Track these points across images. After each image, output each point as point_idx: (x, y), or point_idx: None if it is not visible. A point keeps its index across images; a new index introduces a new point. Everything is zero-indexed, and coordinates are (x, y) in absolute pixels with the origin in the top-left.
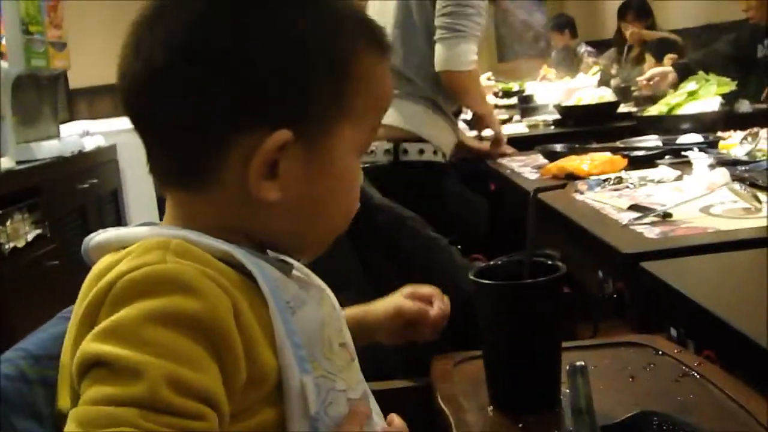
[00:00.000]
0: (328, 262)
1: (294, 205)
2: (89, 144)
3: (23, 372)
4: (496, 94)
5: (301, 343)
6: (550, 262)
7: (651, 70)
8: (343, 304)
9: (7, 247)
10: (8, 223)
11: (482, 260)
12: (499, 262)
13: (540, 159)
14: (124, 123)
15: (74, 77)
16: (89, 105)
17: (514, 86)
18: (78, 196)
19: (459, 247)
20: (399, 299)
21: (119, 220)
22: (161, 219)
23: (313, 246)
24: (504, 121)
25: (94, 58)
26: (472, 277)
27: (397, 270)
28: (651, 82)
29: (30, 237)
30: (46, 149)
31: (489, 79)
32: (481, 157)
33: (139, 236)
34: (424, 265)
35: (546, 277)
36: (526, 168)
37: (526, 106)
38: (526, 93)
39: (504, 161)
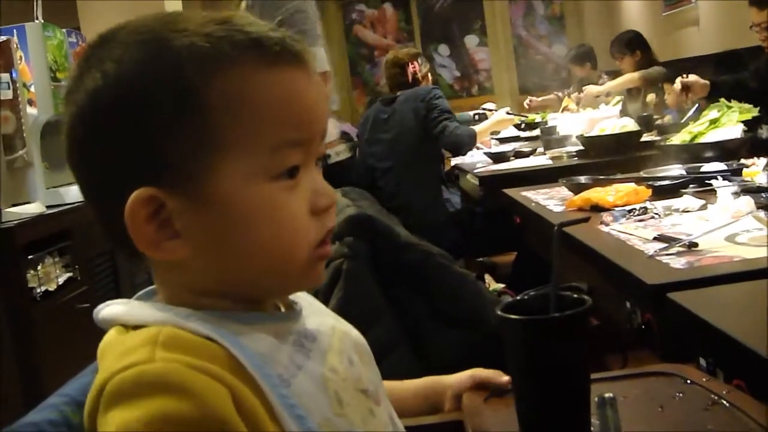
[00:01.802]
0: (355, 301)
1: (218, 255)
2: None
3: (67, 418)
4: (518, 127)
5: (303, 413)
6: (576, 296)
7: (678, 79)
8: (372, 341)
9: (38, 291)
10: (39, 267)
11: (510, 294)
12: (526, 297)
13: (564, 191)
14: None
15: None
16: None
17: (537, 118)
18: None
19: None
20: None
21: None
22: None
23: (281, 287)
24: (527, 154)
25: None
26: (498, 312)
27: (425, 306)
28: (685, 93)
29: (61, 280)
30: (75, 193)
31: (508, 113)
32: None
33: (138, 318)
34: (453, 301)
35: (572, 310)
36: (551, 201)
37: (549, 137)
38: (549, 125)
39: (528, 194)
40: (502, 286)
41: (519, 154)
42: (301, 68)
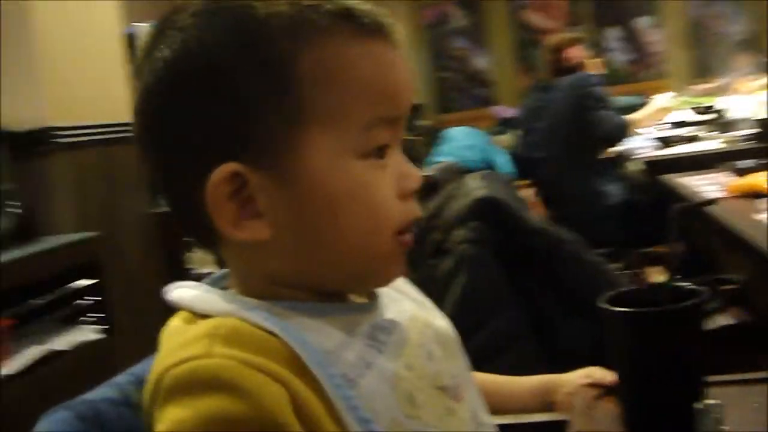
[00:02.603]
0: (478, 289)
1: (300, 236)
2: None
3: (128, 396)
4: (695, 110)
5: (369, 416)
6: (691, 288)
7: None
8: (494, 331)
9: (195, 272)
10: (195, 250)
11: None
12: (636, 288)
13: (727, 177)
14: None
15: None
16: None
17: (708, 102)
18: None
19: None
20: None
21: None
22: None
23: (361, 278)
24: (697, 138)
25: None
26: (600, 305)
27: (555, 297)
28: None
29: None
30: None
31: (674, 97)
32: None
33: (204, 307)
34: (583, 290)
35: (678, 304)
36: (710, 187)
37: (722, 121)
38: (721, 108)
39: (686, 180)
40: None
41: (688, 139)
42: (390, 42)
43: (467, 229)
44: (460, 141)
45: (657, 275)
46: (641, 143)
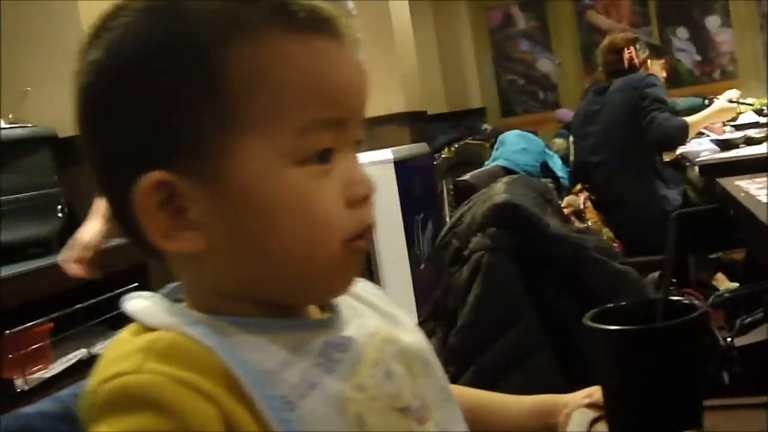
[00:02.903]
0: (494, 298)
1: (236, 248)
2: None
3: (68, 409)
4: (759, 113)
5: None
6: (687, 302)
7: None
8: (510, 342)
9: None
10: None
11: (695, 295)
12: (625, 303)
13: None
14: (372, 156)
15: None
16: None
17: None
18: None
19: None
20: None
21: (366, 253)
22: (410, 249)
23: (307, 290)
24: (759, 141)
25: None
26: (584, 321)
27: (576, 306)
28: None
29: None
30: None
31: (731, 101)
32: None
33: (150, 319)
34: (608, 300)
35: (669, 321)
36: (764, 191)
37: None
38: None
39: (742, 183)
40: (736, 285)
41: (750, 141)
42: (335, 38)
43: (484, 236)
44: (514, 145)
45: (721, 282)
46: (701, 146)
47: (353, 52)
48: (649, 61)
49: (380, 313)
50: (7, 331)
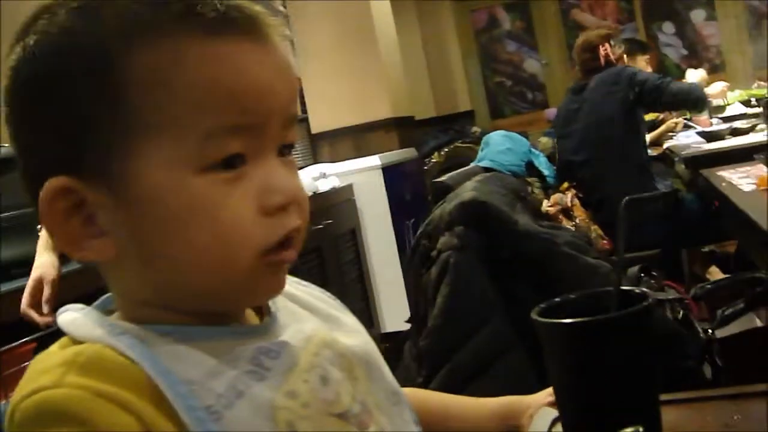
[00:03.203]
0: (463, 298)
1: (145, 258)
2: (324, 185)
3: None
4: (745, 104)
5: None
6: (638, 291)
7: None
8: (482, 342)
9: None
10: None
11: (676, 288)
12: (573, 296)
13: (764, 169)
14: (360, 163)
15: (315, 122)
16: (331, 148)
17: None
18: (313, 237)
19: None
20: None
21: (358, 258)
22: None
23: (223, 300)
24: (745, 131)
25: (332, 103)
26: (533, 316)
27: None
28: None
29: None
30: None
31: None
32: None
33: (78, 331)
34: None
35: (609, 313)
36: (745, 180)
37: None
38: None
39: (725, 173)
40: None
41: (736, 132)
42: (248, 38)
43: (452, 235)
44: (498, 145)
45: (715, 275)
46: (689, 139)
47: (274, 52)
48: (626, 57)
49: (322, 317)
50: None
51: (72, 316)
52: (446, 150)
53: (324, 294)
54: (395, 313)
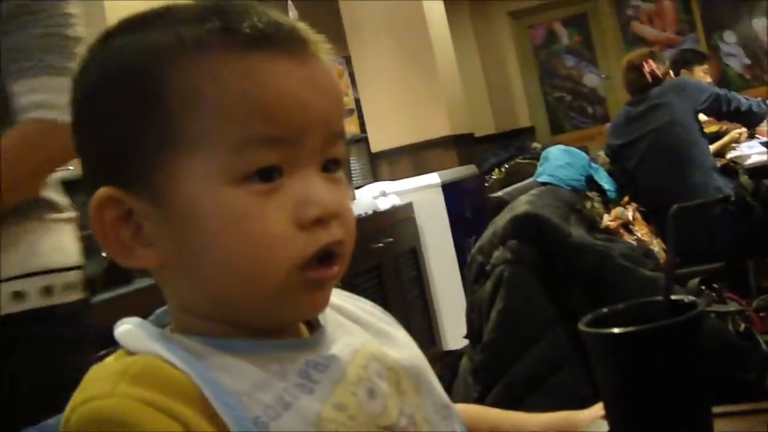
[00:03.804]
0: (517, 312)
1: (186, 269)
2: (384, 204)
3: None
4: None
5: None
6: (687, 300)
7: None
8: (536, 357)
9: None
10: None
11: (738, 300)
12: (620, 306)
13: None
14: (420, 180)
15: (375, 141)
16: (390, 166)
17: None
18: (373, 255)
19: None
20: None
21: (419, 276)
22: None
23: (263, 313)
24: None
25: (391, 121)
26: (580, 326)
27: None
28: None
29: None
30: None
31: None
32: None
33: (132, 343)
34: None
35: (662, 321)
36: None
37: None
38: None
39: None
40: None
41: None
42: (285, 53)
43: (506, 249)
44: (557, 160)
45: None
46: (752, 149)
47: (311, 67)
48: (683, 68)
49: (371, 331)
50: None
51: (127, 329)
52: (507, 166)
53: (375, 308)
54: (458, 331)
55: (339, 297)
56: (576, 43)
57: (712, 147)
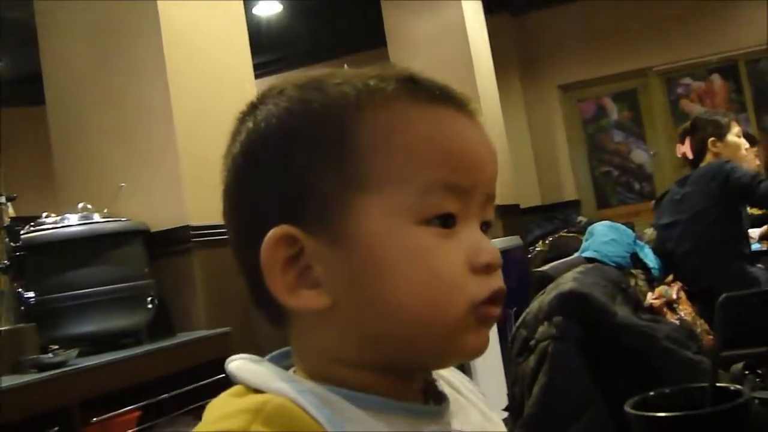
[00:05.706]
0: (560, 388)
1: (360, 306)
2: None
3: None
4: None
5: None
6: (733, 388)
7: None
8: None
9: None
10: None
11: None
12: (667, 390)
13: None
14: None
15: None
16: None
17: None
18: None
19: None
20: None
21: None
22: (503, 342)
23: (431, 352)
24: None
25: None
26: (626, 408)
27: None
28: None
29: None
30: None
31: None
32: None
33: (257, 381)
34: None
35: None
36: None
37: None
38: None
39: None
40: None
41: None
42: (463, 112)
43: (551, 325)
44: (602, 236)
45: None
46: None
47: (483, 130)
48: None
49: (479, 410)
50: (94, 419)
51: (248, 366)
52: (551, 239)
53: (470, 383)
54: (496, 402)
55: (445, 369)
56: (625, 118)
57: (760, 230)
